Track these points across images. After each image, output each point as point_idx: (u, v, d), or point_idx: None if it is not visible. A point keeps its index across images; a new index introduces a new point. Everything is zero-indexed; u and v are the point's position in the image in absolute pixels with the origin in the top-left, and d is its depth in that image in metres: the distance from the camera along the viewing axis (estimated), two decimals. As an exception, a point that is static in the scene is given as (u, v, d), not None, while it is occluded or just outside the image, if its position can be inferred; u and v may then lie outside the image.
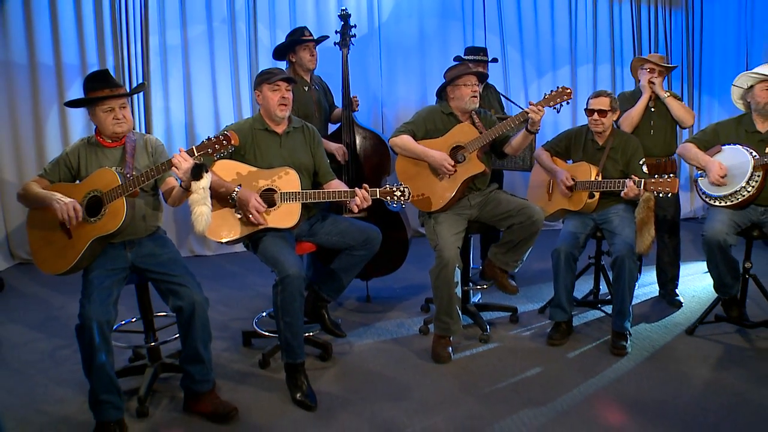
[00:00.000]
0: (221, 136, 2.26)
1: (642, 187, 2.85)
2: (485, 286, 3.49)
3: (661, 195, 2.83)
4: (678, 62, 6.32)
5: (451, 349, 2.96)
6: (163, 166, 2.26)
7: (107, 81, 2.37)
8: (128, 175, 2.33)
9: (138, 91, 4.25)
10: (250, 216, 2.59)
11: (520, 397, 2.55)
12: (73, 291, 2.96)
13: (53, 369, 2.88)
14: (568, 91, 2.86)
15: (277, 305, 2.53)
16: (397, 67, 5.53)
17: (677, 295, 3.71)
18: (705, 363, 2.85)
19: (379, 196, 2.66)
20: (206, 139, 2.28)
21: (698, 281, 4.12)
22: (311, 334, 3.01)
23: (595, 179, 3.12)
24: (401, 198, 2.66)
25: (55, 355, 3.05)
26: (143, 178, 2.27)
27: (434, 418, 2.40)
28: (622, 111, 3.47)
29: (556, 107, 2.89)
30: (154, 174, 2.28)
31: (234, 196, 2.60)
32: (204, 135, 2.29)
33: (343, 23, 3.60)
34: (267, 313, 3.35)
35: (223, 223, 2.66)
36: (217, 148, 2.26)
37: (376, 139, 3.65)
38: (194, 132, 5.00)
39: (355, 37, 3.66)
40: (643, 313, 3.53)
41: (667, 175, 2.82)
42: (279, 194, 2.65)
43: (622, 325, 3.00)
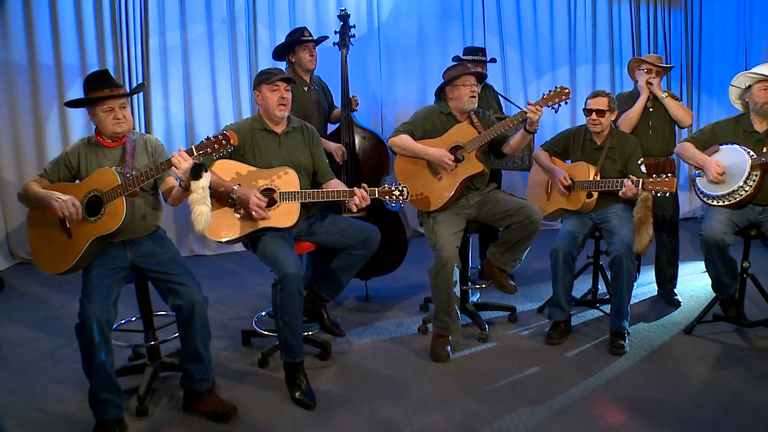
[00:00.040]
0: (220, 136, 2.27)
1: (640, 187, 2.86)
2: (484, 286, 3.50)
3: (659, 194, 2.84)
4: (677, 62, 6.33)
5: (450, 348, 2.97)
6: (163, 166, 2.27)
7: (107, 81, 2.38)
8: (128, 175, 2.34)
9: (138, 91, 4.27)
10: (253, 213, 2.59)
11: (519, 396, 2.56)
12: (72, 290, 2.97)
13: (53, 368, 2.89)
14: (566, 91, 2.87)
15: (276, 304, 2.54)
16: (397, 67, 5.54)
17: (676, 295, 3.71)
18: (703, 362, 2.86)
19: (377, 196, 2.67)
20: (205, 139, 2.29)
21: (697, 281, 4.13)
22: (310, 334, 3.02)
23: (594, 179, 3.13)
24: (400, 197, 2.67)
25: (55, 354, 3.06)
26: (143, 178, 2.28)
27: (433, 417, 2.41)
28: (621, 112, 3.47)
29: (554, 107, 2.90)
30: (153, 174, 2.28)
31: (233, 196, 2.61)
32: (204, 135, 2.30)
33: (342, 23, 3.61)
34: (266, 313, 3.36)
35: (222, 222, 2.67)
36: (217, 147, 2.27)
37: (375, 139, 3.66)
38: (194, 132, 5.02)
39: (354, 38, 3.67)
40: (642, 313, 3.53)
41: (665, 175, 2.83)
42: (278, 194, 2.66)
43: (620, 325, 3.01)
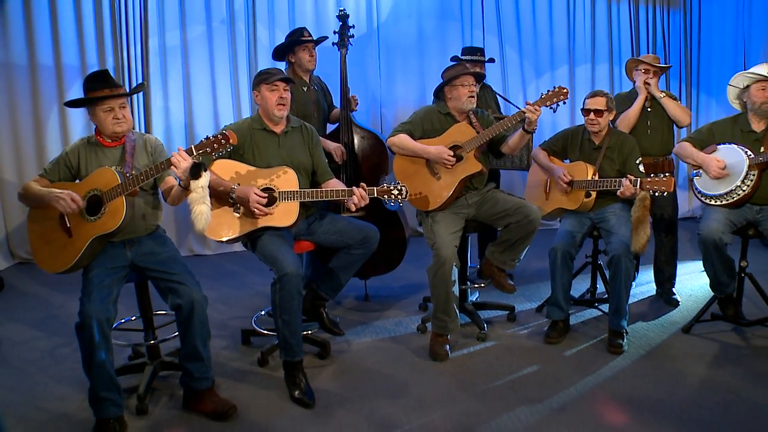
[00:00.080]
0: (220, 136, 2.27)
1: (638, 186, 2.87)
2: (483, 285, 3.50)
3: (657, 194, 2.85)
4: (676, 62, 6.34)
5: (449, 347, 2.98)
6: (162, 166, 2.28)
7: (107, 81, 2.39)
8: (128, 175, 2.35)
9: (137, 91, 4.27)
10: (255, 210, 2.59)
11: (517, 395, 2.57)
12: (72, 290, 2.98)
13: (53, 367, 2.90)
14: (565, 91, 2.88)
15: (276, 303, 2.54)
16: (396, 68, 5.55)
17: (674, 294, 3.72)
18: (701, 361, 2.86)
19: (376, 195, 2.68)
20: (205, 139, 2.29)
21: (695, 280, 4.13)
22: (309, 333, 3.03)
23: (592, 178, 3.14)
24: (398, 197, 2.68)
25: (55, 353, 3.07)
26: (142, 177, 2.28)
27: (431, 416, 2.41)
28: (619, 112, 3.48)
29: (553, 107, 2.90)
30: (153, 173, 2.29)
31: (233, 195, 2.62)
32: (203, 135, 2.30)
33: (341, 24, 3.61)
34: (266, 312, 3.37)
35: (222, 222, 2.68)
36: (216, 147, 2.27)
37: (374, 139, 3.66)
38: (193, 132, 5.02)
39: (354, 38, 3.68)
40: (641, 312, 3.54)
41: (663, 174, 2.84)
42: (277, 193, 2.67)
43: (618, 324, 3.01)
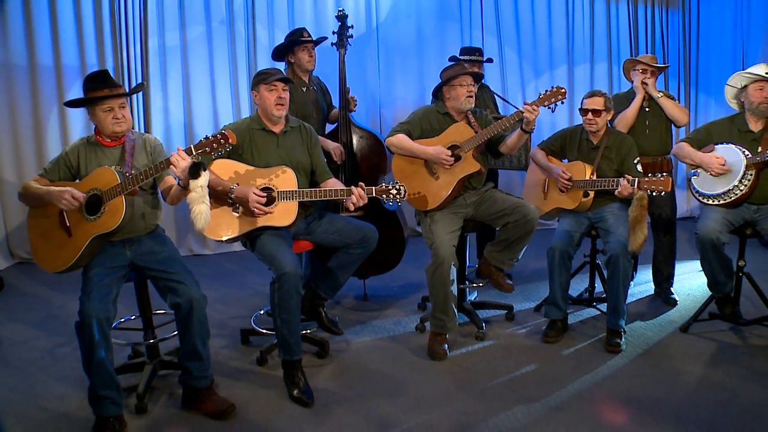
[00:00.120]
0: (219, 135, 2.28)
1: (636, 186, 2.88)
2: (481, 285, 3.51)
3: (654, 194, 2.85)
4: (675, 62, 6.35)
5: (447, 347, 2.99)
6: (162, 165, 2.29)
7: (107, 81, 2.40)
8: (127, 174, 2.36)
9: (137, 91, 4.28)
10: (254, 210, 2.60)
11: (515, 394, 2.58)
12: (72, 290, 2.98)
13: (53, 366, 2.91)
14: (563, 91, 2.88)
15: (274, 302, 2.55)
16: (395, 68, 5.56)
17: (672, 294, 3.73)
18: (699, 360, 2.87)
19: (375, 195, 2.68)
20: (204, 138, 2.30)
21: (694, 279, 4.14)
22: (308, 332, 3.04)
23: (590, 178, 3.15)
24: (397, 196, 2.69)
25: (55, 352, 3.08)
26: (142, 177, 2.29)
27: (430, 414, 2.42)
28: (617, 112, 3.49)
29: (551, 107, 2.91)
30: (152, 173, 2.30)
31: (232, 195, 2.63)
32: (203, 135, 2.31)
33: (340, 24, 3.62)
34: (265, 311, 3.37)
35: (221, 221, 2.69)
36: (215, 147, 2.28)
37: (373, 139, 3.67)
38: (193, 132, 5.03)
39: (352, 38, 3.68)
40: (639, 311, 3.55)
41: (660, 174, 2.85)
42: (276, 193, 2.68)
43: (616, 323, 3.02)
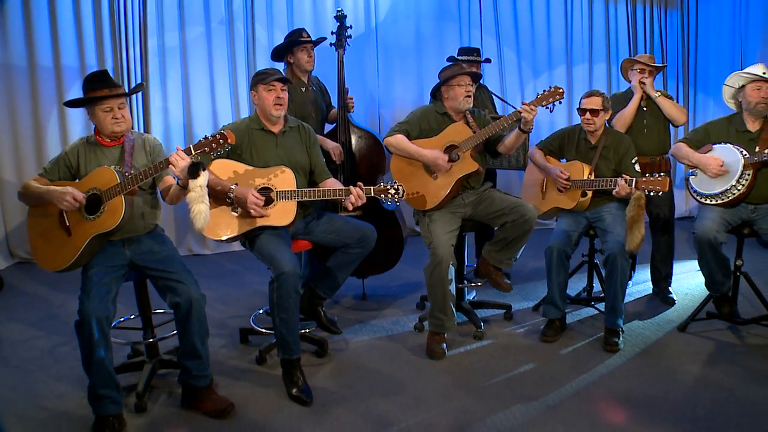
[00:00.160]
0: (218, 135, 2.29)
1: (633, 186, 2.89)
2: (479, 284, 3.52)
3: (652, 194, 2.87)
4: (673, 62, 6.36)
5: (446, 346, 3.00)
6: (161, 165, 2.30)
7: (106, 81, 2.41)
8: (127, 174, 2.37)
9: (136, 91, 4.28)
10: (251, 211, 2.61)
11: (513, 393, 2.59)
12: (72, 290, 3.00)
13: (53, 366, 2.91)
14: (561, 91, 2.90)
15: (273, 302, 2.56)
16: (394, 68, 5.57)
17: (670, 293, 3.74)
18: (696, 359, 2.88)
19: (373, 194, 2.69)
20: (203, 138, 2.31)
21: (692, 279, 4.15)
22: (307, 331, 3.05)
23: (588, 178, 3.16)
24: (395, 196, 2.69)
25: (55, 352, 3.09)
26: (141, 177, 2.30)
27: (428, 413, 2.43)
28: (615, 111, 3.50)
29: (549, 107, 2.93)
30: (152, 172, 2.31)
31: (231, 194, 2.64)
32: (202, 135, 2.33)
33: (338, 24, 3.63)
34: (264, 311, 3.39)
35: (220, 221, 2.69)
36: (214, 146, 2.29)
37: (372, 139, 3.68)
38: (192, 132, 5.04)
39: (351, 38, 3.70)
40: (637, 311, 3.56)
41: (658, 174, 2.86)
42: (275, 192, 2.69)
43: (614, 322, 3.03)
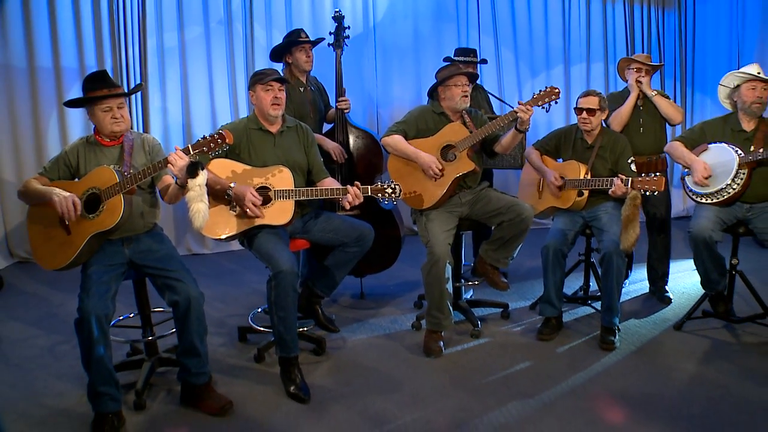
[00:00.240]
0: (216, 135, 2.31)
1: (629, 186, 2.91)
2: (477, 283, 3.54)
3: (647, 193, 2.88)
4: (671, 61, 6.39)
5: (443, 344, 3.02)
6: (160, 164, 2.31)
7: (106, 81, 2.43)
8: (126, 173, 2.38)
9: (136, 91, 4.27)
10: (248, 210, 2.63)
11: (510, 391, 2.61)
12: (71, 289, 3.00)
13: (53, 364, 2.93)
14: (557, 91, 2.92)
15: (271, 300, 2.58)
16: (393, 68, 5.58)
17: (667, 292, 3.76)
18: (692, 357, 2.90)
19: (370, 194, 2.71)
20: (202, 138, 2.33)
21: (688, 278, 4.16)
22: (305, 330, 3.07)
23: (584, 177, 3.17)
24: (392, 195, 2.71)
25: (55, 350, 3.10)
26: (140, 176, 2.32)
27: (425, 411, 2.45)
28: (611, 110, 3.51)
29: (545, 107, 2.95)
30: (151, 172, 2.33)
31: (230, 193, 2.65)
32: (201, 135, 2.35)
33: (336, 25, 3.65)
34: (262, 309, 3.41)
35: (219, 220, 2.71)
36: (213, 146, 2.31)
37: (369, 139, 3.70)
38: (191, 132, 5.05)
39: (349, 38, 3.71)
40: (633, 309, 3.58)
41: (654, 174, 2.88)
42: (273, 192, 2.70)
43: (610, 321, 3.05)
